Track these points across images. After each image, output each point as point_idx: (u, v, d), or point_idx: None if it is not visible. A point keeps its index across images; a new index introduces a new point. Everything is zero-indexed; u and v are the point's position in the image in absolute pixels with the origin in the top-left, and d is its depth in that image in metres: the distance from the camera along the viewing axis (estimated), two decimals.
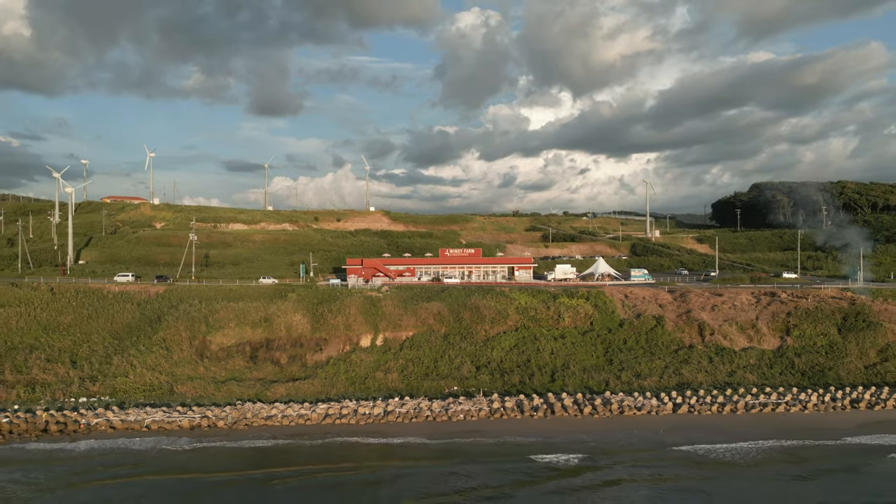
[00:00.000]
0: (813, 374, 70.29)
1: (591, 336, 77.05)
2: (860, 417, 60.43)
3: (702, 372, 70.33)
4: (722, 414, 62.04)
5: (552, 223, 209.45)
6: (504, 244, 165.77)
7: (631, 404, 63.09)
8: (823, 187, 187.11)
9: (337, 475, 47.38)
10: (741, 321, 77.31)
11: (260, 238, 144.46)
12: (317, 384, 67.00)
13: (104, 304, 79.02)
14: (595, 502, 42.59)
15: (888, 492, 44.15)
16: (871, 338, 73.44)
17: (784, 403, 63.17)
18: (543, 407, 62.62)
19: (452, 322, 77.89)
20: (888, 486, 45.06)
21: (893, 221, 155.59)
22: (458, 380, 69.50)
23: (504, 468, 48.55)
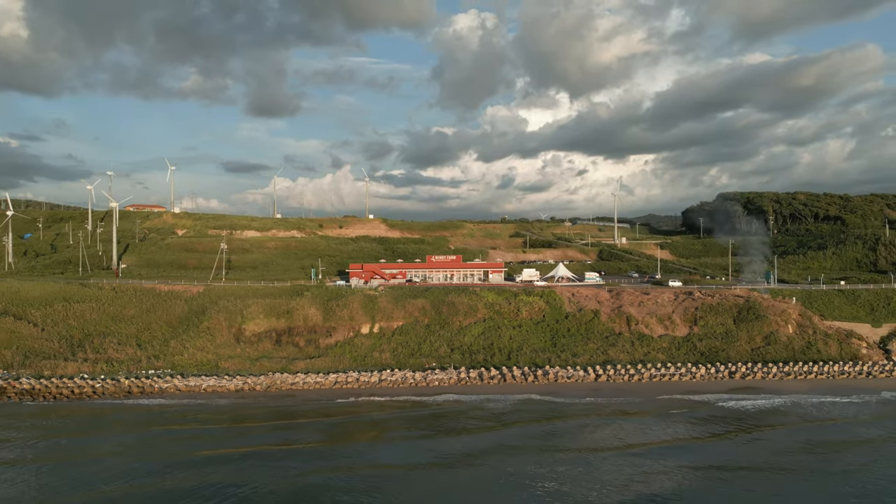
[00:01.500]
0: (710, 354, 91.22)
1: (542, 326, 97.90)
2: (732, 384, 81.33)
3: (624, 353, 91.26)
4: (631, 382, 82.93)
5: (535, 229, 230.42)
6: (488, 249, 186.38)
7: (564, 375, 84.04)
8: (777, 198, 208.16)
9: (344, 418, 68.02)
10: (660, 314, 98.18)
11: (273, 245, 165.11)
12: (328, 361, 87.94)
13: (159, 300, 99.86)
14: (517, 429, 63.22)
15: (724, 420, 64.37)
16: (759, 327, 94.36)
17: (678, 374, 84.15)
18: (498, 376, 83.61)
19: (433, 315, 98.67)
20: (725, 416, 65.45)
21: (830, 230, 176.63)
22: (436, 358, 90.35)
23: (463, 412, 69.24)
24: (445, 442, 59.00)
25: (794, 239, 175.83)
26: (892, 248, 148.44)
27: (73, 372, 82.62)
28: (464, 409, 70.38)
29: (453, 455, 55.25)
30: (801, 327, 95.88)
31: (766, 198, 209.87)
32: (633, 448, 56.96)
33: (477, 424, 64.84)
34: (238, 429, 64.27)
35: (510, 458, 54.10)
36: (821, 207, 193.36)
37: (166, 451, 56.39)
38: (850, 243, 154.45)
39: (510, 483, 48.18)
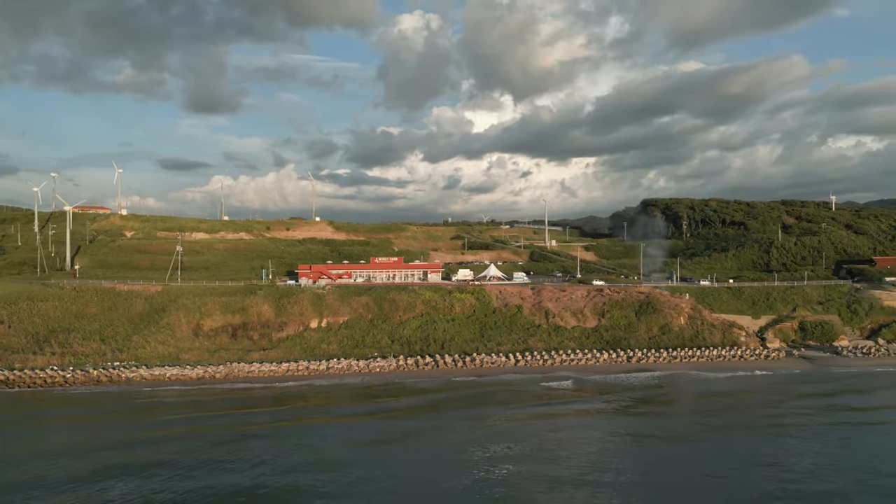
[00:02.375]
0: (614, 342, 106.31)
1: (472, 319, 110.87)
2: (629, 367, 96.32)
3: (541, 341, 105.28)
4: (545, 366, 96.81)
5: (475, 232, 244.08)
6: (429, 251, 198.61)
7: (489, 361, 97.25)
8: (692, 205, 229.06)
9: (293, 407, 78.77)
10: (574, 308, 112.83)
11: (223, 246, 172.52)
12: (280, 352, 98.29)
13: (119, 299, 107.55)
14: (447, 405, 75.61)
15: (623, 389, 78.51)
16: (656, 319, 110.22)
17: (585, 359, 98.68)
18: (432, 363, 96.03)
19: (376, 310, 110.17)
20: (623, 387, 79.64)
21: (734, 234, 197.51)
22: (378, 349, 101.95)
23: (396, 390, 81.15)
24: (383, 416, 70.84)
25: (703, 242, 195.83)
26: (783, 251, 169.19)
27: (42, 364, 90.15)
28: (401, 389, 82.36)
29: (391, 428, 67.19)
30: (692, 319, 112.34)
31: (683, 204, 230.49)
32: (542, 412, 70.32)
33: (409, 401, 76.96)
34: (201, 406, 74.28)
35: (443, 431, 66.43)
36: (728, 213, 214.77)
37: (137, 424, 66.06)
38: (749, 246, 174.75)
39: (447, 449, 60.47)
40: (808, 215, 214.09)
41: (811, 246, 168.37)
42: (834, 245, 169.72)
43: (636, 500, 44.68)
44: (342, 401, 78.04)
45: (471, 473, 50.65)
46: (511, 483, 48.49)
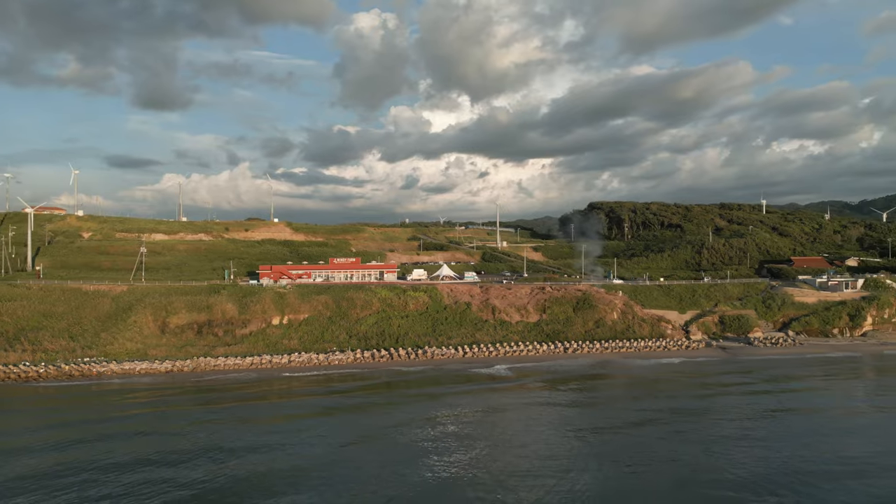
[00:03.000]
0: (554, 335, 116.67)
1: (425, 315, 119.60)
2: (566, 356, 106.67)
3: (488, 335, 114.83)
4: (490, 357, 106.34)
5: (430, 234, 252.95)
6: (386, 252, 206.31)
7: (439, 353, 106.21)
8: (634, 208, 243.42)
9: (259, 391, 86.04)
10: (518, 305, 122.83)
11: (183, 248, 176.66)
12: (244, 347, 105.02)
13: (86, 298, 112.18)
14: (396, 388, 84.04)
15: (559, 373, 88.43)
16: (591, 314, 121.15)
17: (527, 350, 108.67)
18: (387, 355, 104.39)
19: (335, 308, 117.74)
20: (558, 372, 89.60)
21: (671, 236, 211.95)
22: (337, 344, 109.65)
23: (353, 377, 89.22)
24: (340, 400, 78.92)
25: (642, 243, 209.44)
26: (713, 251, 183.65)
27: (15, 360, 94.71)
28: (357, 378, 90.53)
29: (346, 406, 75.36)
30: (624, 314, 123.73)
31: (625, 207, 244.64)
32: (483, 395, 79.53)
33: (364, 388, 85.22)
34: (166, 400, 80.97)
35: (394, 409, 74.91)
36: (667, 216, 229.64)
37: (111, 411, 72.44)
38: (683, 247, 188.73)
39: (393, 424, 68.94)
40: (739, 218, 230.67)
41: (738, 247, 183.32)
42: (758, 246, 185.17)
43: (561, 459, 54.07)
44: (303, 389, 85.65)
45: (416, 444, 59.29)
46: (447, 452, 57.31)
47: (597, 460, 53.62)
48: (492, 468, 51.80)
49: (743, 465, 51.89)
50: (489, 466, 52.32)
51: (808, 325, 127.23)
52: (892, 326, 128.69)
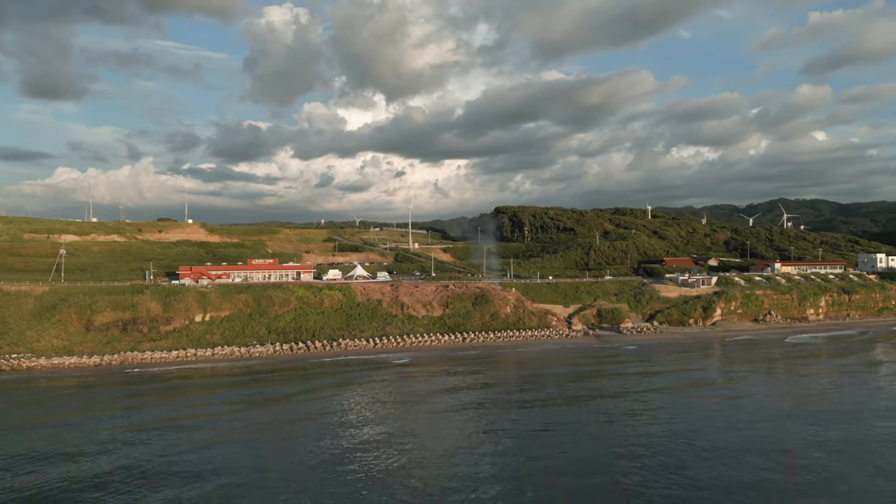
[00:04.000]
0: (455, 327, 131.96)
1: (339, 312, 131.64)
2: (465, 345, 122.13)
3: (397, 328, 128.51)
4: (398, 347, 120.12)
5: (346, 235, 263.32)
6: (302, 253, 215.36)
7: (352, 345, 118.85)
8: (535, 213, 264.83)
9: (183, 381, 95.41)
10: (424, 301, 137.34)
11: (98, 249, 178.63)
12: (169, 342, 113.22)
13: (8, 298, 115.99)
14: (312, 376, 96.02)
15: (463, 358, 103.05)
16: (488, 308, 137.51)
17: (430, 340, 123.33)
18: (304, 348, 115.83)
19: (255, 306, 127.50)
20: (460, 357, 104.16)
21: (565, 238, 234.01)
22: (257, 338, 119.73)
23: (272, 367, 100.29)
24: (259, 388, 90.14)
25: (540, 245, 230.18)
26: (599, 253, 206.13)
27: None
28: (275, 367, 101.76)
29: (264, 391, 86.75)
30: (516, 308, 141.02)
31: (527, 212, 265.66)
32: (388, 378, 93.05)
33: (282, 375, 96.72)
34: (93, 391, 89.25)
35: (309, 394, 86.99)
36: (563, 221, 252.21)
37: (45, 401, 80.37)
38: (574, 249, 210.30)
39: (308, 406, 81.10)
40: (626, 223, 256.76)
41: (621, 249, 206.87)
42: (638, 248, 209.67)
43: (460, 430, 68.43)
44: (225, 377, 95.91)
45: (330, 420, 72.07)
46: (357, 427, 70.48)
47: (488, 429, 68.64)
48: (398, 439, 65.63)
49: (618, 429, 68.49)
50: (396, 438, 66.11)
51: (669, 316, 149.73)
52: (737, 317, 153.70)
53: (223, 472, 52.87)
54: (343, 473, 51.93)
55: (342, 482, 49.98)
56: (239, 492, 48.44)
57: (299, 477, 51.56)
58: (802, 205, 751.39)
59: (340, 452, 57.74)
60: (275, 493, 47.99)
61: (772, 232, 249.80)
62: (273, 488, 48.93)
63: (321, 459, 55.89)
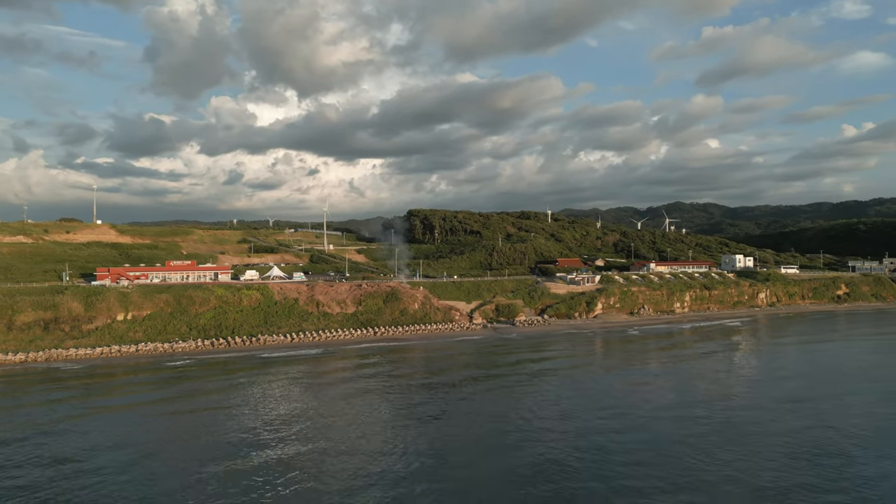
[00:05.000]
0: (367, 322, 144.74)
1: (258, 310, 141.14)
2: (376, 339, 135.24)
3: (313, 324, 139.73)
4: (313, 341, 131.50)
5: (261, 236, 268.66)
6: (217, 254, 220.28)
7: (270, 340, 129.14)
8: (445, 216, 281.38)
9: (106, 376, 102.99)
10: (339, 299, 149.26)
11: (6, 250, 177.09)
12: (93, 340, 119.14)
13: None
14: (231, 368, 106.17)
15: (371, 350, 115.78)
16: (398, 305, 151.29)
17: (344, 335, 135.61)
18: (224, 343, 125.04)
19: (175, 305, 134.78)
20: (372, 351, 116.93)
21: (472, 241, 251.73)
22: (179, 335, 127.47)
23: (195, 362, 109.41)
24: (182, 382, 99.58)
25: (448, 246, 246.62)
26: (501, 254, 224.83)
27: None
28: (197, 361, 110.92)
29: (184, 386, 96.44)
30: (423, 304, 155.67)
31: (438, 215, 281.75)
32: (304, 371, 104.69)
33: (202, 369, 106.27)
34: (16, 386, 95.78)
35: (228, 384, 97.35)
36: (470, 224, 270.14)
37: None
38: (479, 250, 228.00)
39: (231, 392, 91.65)
40: (528, 226, 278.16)
41: (521, 250, 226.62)
42: (536, 250, 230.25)
43: (368, 412, 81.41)
44: (149, 372, 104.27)
45: (245, 406, 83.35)
46: (274, 410, 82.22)
47: (394, 408, 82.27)
48: (310, 420, 78.14)
49: (520, 407, 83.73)
50: (311, 418, 78.58)
51: (558, 311, 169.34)
52: (616, 310, 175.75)
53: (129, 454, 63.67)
54: (247, 457, 60.43)
55: (245, 463, 61.78)
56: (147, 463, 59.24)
57: (198, 455, 62.67)
58: (696, 208, 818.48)
59: (248, 435, 69.58)
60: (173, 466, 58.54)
61: (655, 235, 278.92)
62: (169, 461, 59.29)
63: (230, 440, 67.36)
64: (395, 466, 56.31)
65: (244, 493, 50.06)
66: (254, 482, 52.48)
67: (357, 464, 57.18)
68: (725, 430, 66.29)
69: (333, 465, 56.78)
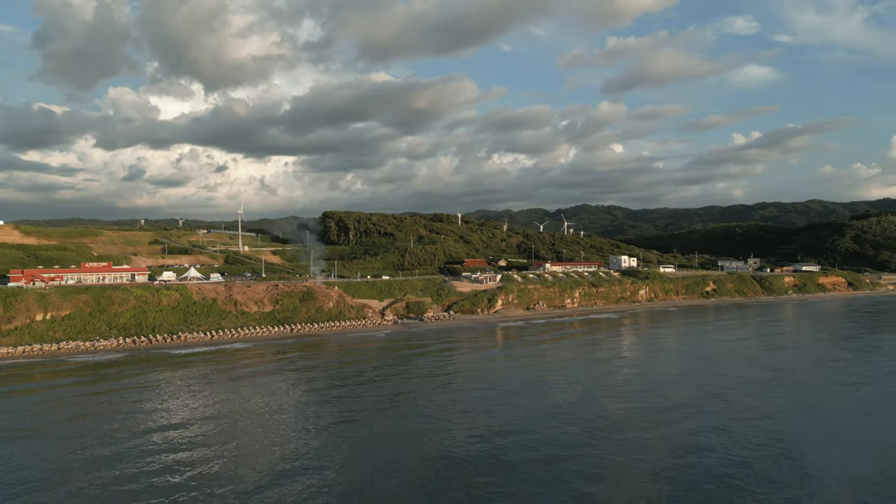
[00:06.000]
0: (284, 320, 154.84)
1: (177, 309, 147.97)
2: (293, 335, 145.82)
3: (232, 322, 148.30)
4: (232, 338, 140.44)
5: (173, 237, 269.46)
6: (130, 256, 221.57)
7: (190, 337, 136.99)
8: (359, 218, 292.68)
9: (27, 377, 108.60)
10: (256, 299, 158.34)
11: None
12: (12, 339, 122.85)
13: None
14: (153, 363, 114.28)
15: (288, 344, 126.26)
16: (313, 304, 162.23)
17: (261, 332, 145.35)
18: (146, 341, 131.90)
19: (95, 305, 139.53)
20: (275, 347, 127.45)
21: (385, 242, 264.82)
22: (99, 334, 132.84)
23: (116, 359, 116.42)
24: (101, 378, 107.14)
25: (363, 248, 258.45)
26: (413, 255, 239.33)
27: None
28: (120, 360, 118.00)
29: (108, 386, 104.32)
30: (338, 303, 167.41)
31: (352, 217, 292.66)
32: (230, 365, 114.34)
33: (121, 367, 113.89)
34: None
35: (150, 377, 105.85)
36: (384, 226, 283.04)
37: None
38: (392, 251, 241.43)
39: (153, 386, 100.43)
40: (439, 228, 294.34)
41: (431, 252, 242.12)
42: (445, 251, 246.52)
43: (286, 401, 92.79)
44: (70, 369, 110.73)
45: (165, 398, 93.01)
46: (192, 402, 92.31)
47: (309, 395, 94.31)
48: (222, 413, 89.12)
49: (428, 393, 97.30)
50: (223, 413, 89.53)
51: (463, 307, 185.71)
52: (514, 306, 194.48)
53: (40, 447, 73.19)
54: (150, 452, 63.68)
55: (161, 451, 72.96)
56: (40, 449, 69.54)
57: (99, 440, 73.36)
58: (601, 210, 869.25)
59: (166, 424, 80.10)
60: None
61: (554, 237, 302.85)
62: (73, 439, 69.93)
63: (135, 433, 77.80)
64: (299, 458, 59.33)
65: (148, 491, 51.91)
66: (151, 474, 55.59)
67: (264, 454, 60.90)
68: (592, 393, 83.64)
69: (241, 458, 59.44)
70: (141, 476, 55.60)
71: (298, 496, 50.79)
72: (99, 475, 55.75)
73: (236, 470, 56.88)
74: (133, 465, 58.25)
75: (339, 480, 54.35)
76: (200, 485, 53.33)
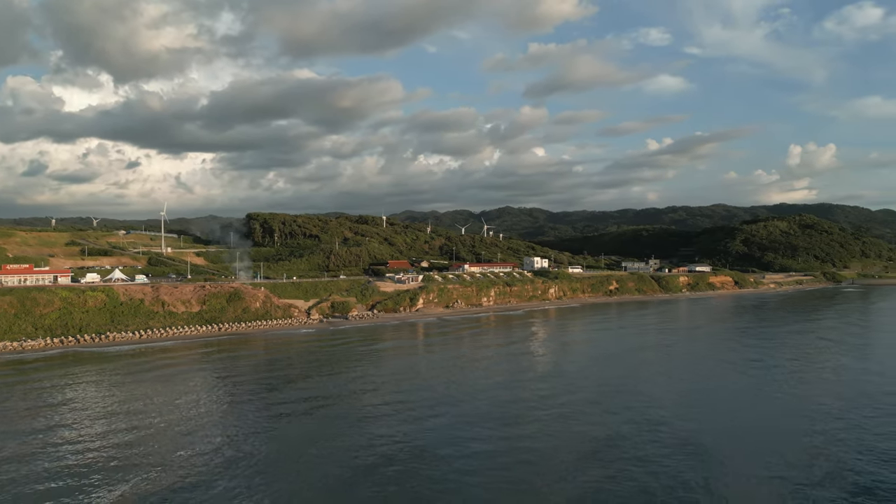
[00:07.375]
0: (212, 320, 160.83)
1: (104, 310, 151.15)
2: (220, 334, 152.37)
3: (159, 322, 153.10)
4: (160, 337, 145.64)
5: (91, 238, 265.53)
6: (48, 257, 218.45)
7: (119, 337, 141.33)
8: (284, 220, 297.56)
9: None
10: (183, 299, 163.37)
11: None
12: None
13: None
14: (81, 362, 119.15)
15: (214, 341, 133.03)
16: (240, 304, 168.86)
17: (189, 331, 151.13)
18: (73, 341, 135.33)
19: (19, 307, 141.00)
20: (207, 345, 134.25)
21: (311, 244, 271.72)
22: (25, 335, 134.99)
23: (44, 358, 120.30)
24: (30, 375, 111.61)
25: (288, 249, 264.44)
26: (338, 257, 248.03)
27: None
28: (49, 359, 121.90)
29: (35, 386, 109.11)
30: (265, 303, 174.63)
31: (277, 219, 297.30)
32: (154, 362, 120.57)
33: (58, 366, 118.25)
34: None
35: (79, 377, 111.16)
36: (309, 228, 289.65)
37: None
38: (317, 253, 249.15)
39: (85, 381, 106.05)
40: (364, 231, 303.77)
41: (356, 253, 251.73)
42: (370, 253, 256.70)
43: (210, 395, 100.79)
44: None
45: (92, 398, 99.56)
46: (124, 398, 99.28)
47: (236, 389, 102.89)
48: (160, 403, 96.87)
49: (363, 387, 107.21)
50: (147, 409, 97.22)
51: (386, 306, 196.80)
52: (434, 304, 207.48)
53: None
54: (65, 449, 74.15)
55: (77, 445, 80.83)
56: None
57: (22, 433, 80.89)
58: (523, 212, 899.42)
59: (90, 420, 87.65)
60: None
61: (474, 240, 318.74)
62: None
63: (63, 422, 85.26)
64: (220, 453, 60.87)
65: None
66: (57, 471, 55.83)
67: (178, 446, 63.14)
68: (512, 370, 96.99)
69: (153, 454, 60.22)
70: (45, 473, 55.94)
71: (209, 491, 51.38)
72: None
73: (148, 465, 57.68)
74: (39, 462, 58.80)
75: (255, 474, 55.32)
76: (104, 480, 53.96)
